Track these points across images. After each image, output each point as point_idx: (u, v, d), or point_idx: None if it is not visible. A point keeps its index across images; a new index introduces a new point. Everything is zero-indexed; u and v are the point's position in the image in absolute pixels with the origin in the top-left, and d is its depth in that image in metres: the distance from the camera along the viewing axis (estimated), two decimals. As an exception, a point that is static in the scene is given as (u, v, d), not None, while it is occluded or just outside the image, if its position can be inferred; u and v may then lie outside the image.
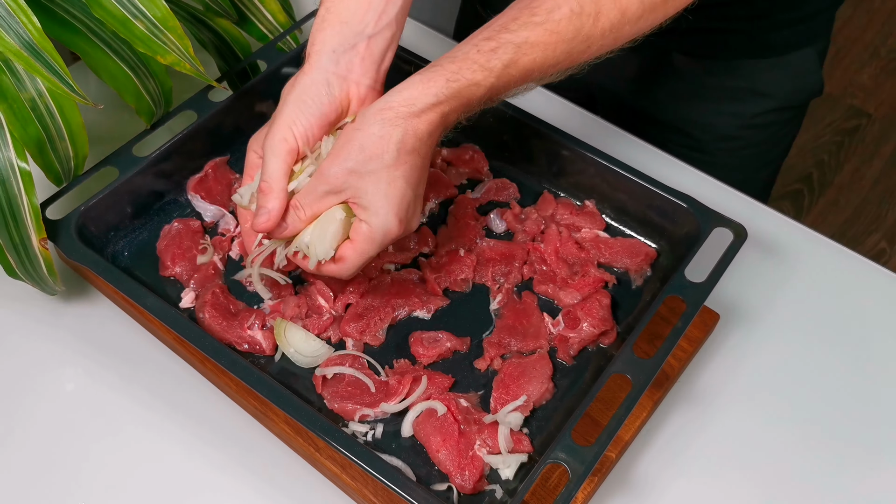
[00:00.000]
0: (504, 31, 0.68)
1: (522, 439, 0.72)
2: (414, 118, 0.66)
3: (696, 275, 0.75)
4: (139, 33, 0.79)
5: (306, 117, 0.71)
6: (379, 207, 0.67)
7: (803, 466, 0.76)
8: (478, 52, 0.67)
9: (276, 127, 0.71)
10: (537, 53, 0.67)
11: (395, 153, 0.66)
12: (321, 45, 0.72)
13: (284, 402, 0.68)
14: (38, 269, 0.77)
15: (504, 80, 0.68)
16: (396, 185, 0.67)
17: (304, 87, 0.72)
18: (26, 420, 0.77)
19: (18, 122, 0.76)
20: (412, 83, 0.67)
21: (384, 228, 0.68)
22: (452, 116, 0.68)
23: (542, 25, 0.67)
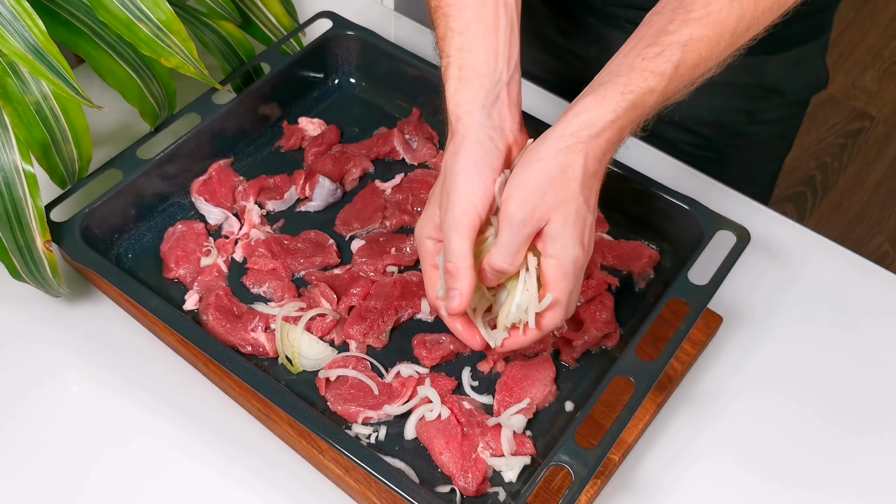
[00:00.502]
0: (664, 35, 0.65)
1: (525, 442, 0.73)
2: (594, 140, 0.64)
3: (699, 277, 0.75)
4: (143, 36, 0.79)
5: (483, 182, 0.66)
6: (567, 238, 0.64)
7: (807, 469, 0.76)
8: (643, 59, 0.65)
9: (454, 201, 0.65)
10: (703, 48, 0.65)
11: (580, 181, 0.64)
12: (470, 105, 0.68)
13: (287, 404, 0.68)
14: (42, 272, 0.77)
15: (675, 83, 0.66)
16: (581, 213, 0.64)
17: (470, 151, 0.66)
18: (30, 422, 0.77)
19: (23, 125, 0.76)
20: (586, 105, 0.65)
21: (573, 258, 0.65)
22: (628, 129, 0.66)
23: (702, 20, 0.65)
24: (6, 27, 0.73)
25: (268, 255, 0.84)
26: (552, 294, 0.66)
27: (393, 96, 1.00)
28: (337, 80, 1.02)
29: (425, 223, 0.69)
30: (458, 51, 0.70)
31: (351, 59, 1.00)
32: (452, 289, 0.66)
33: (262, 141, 0.96)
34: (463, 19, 0.70)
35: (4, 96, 0.75)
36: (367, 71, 1.01)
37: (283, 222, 0.89)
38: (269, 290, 0.82)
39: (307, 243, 0.86)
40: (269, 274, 0.83)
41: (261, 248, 0.85)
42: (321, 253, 0.85)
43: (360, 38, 0.98)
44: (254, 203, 0.89)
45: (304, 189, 0.90)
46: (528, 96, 1.03)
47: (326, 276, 0.84)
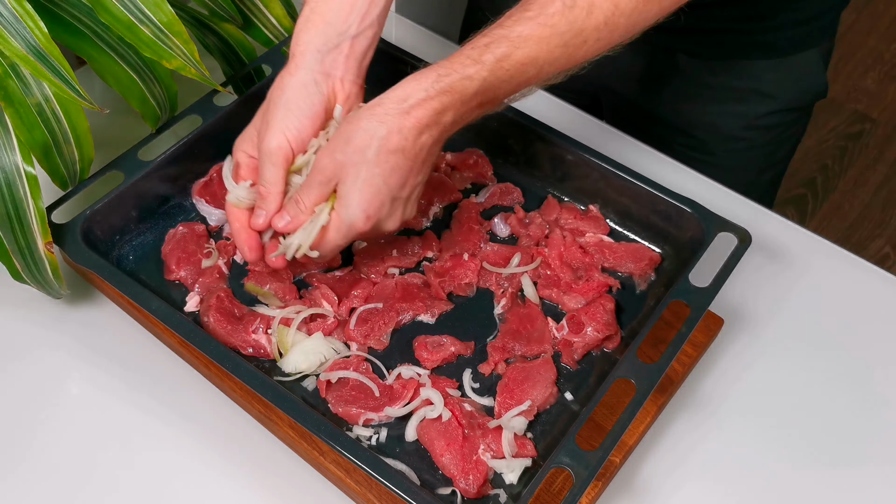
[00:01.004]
0: (497, 28, 0.69)
1: (526, 444, 0.72)
2: (402, 116, 0.67)
3: (701, 279, 0.75)
4: (145, 38, 0.79)
5: (299, 120, 0.73)
6: (350, 200, 0.69)
7: (808, 471, 0.76)
8: (471, 48, 0.68)
9: (270, 133, 0.73)
10: (531, 47, 0.67)
11: (377, 150, 0.67)
12: (305, 46, 0.74)
13: (288, 405, 0.68)
14: (43, 273, 0.77)
15: (498, 75, 0.68)
16: (373, 182, 0.68)
17: (294, 90, 0.73)
18: (31, 424, 0.77)
19: (25, 127, 0.76)
20: (405, 81, 0.68)
21: (349, 221, 0.70)
22: (448, 115, 0.68)
23: (534, 20, 0.67)
24: (8, 29, 0.73)
25: (269, 256, 0.84)
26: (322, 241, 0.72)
27: (394, 98, 1.00)
28: (338, 81, 1.02)
29: (245, 139, 0.77)
30: None
31: (352, 60, 1.00)
32: (260, 208, 0.74)
33: (263, 143, 0.96)
34: None
35: (6, 98, 0.75)
36: (368, 72, 1.00)
37: (285, 224, 0.89)
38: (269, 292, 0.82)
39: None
40: (270, 276, 0.83)
41: (262, 249, 0.85)
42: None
43: (362, 40, 0.98)
44: (255, 205, 0.89)
45: (305, 191, 0.90)
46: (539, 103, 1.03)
47: (327, 277, 0.84)
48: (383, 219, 0.72)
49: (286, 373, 0.77)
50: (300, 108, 0.74)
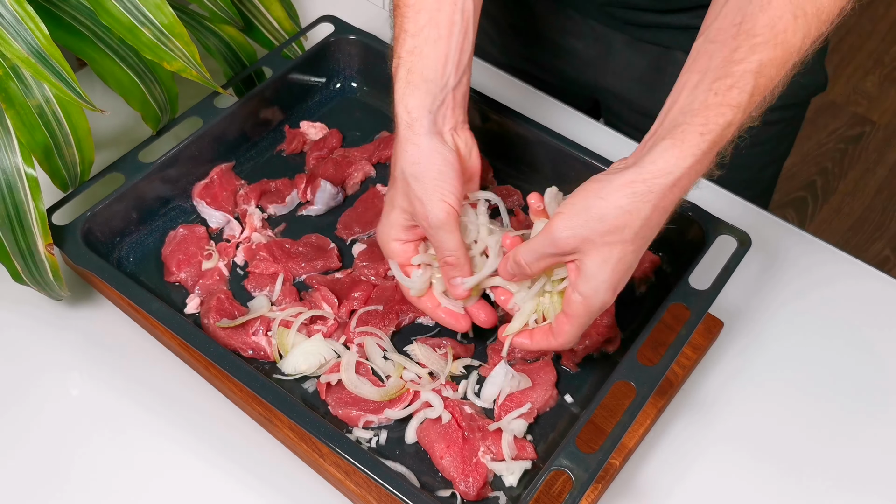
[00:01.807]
0: (733, 64, 0.63)
1: (526, 446, 0.73)
2: (668, 191, 0.62)
3: (700, 282, 0.75)
4: (146, 40, 0.79)
5: (451, 184, 0.70)
6: (601, 282, 0.64)
7: (808, 474, 0.76)
8: (715, 94, 0.63)
9: (433, 205, 0.69)
10: (773, 71, 0.64)
11: (637, 230, 0.63)
12: (418, 111, 0.71)
13: (289, 407, 0.68)
14: (44, 275, 0.77)
15: (749, 110, 0.64)
16: (626, 260, 0.64)
17: (431, 158, 0.70)
18: (31, 425, 0.77)
19: (26, 129, 0.76)
20: (663, 149, 0.63)
21: (601, 301, 0.65)
22: (705, 170, 0.65)
23: (769, 43, 0.63)
24: (9, 30, 0.73)
25: (269, 258, 0.84)
26: (564, 328, 0.67)
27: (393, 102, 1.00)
28: (338, 84, 1.02)
29: (390, 228, 0.74)
30: (409, 53, 0.71)
31: (352, 63, 1.00)
32: (455, 278, 0.72)
33: (263, 145, 0.96)
34: (418, 22, 0.71)
35: (7, 100, 0.75)
36: (369, 75, 1.01)
37: (285, 226, 0.89)
38: (269, 294, 0.82)
39: (308, 247, 0.86)
40: (270, 278, 0.83)
41: (262, 251, 0.85)
42: (322, 257, 0.85)
43: (362, 42, 0.98)
44: (255, 207, 0.89)
45: (305, 193, 0.90)
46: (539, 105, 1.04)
47: (328, 279, 0.84)
48: (621, 286, 0.67)
49: (286, 374, 0.77)
50: (445, 173, 0.70)
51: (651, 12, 0.94)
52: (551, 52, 1.07)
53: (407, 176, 0.71)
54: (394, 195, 0.72)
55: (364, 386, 0.75)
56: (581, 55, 1.04)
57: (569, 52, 1.05)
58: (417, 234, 0.74)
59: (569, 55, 1.06)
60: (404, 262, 0.75)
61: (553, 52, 1.06)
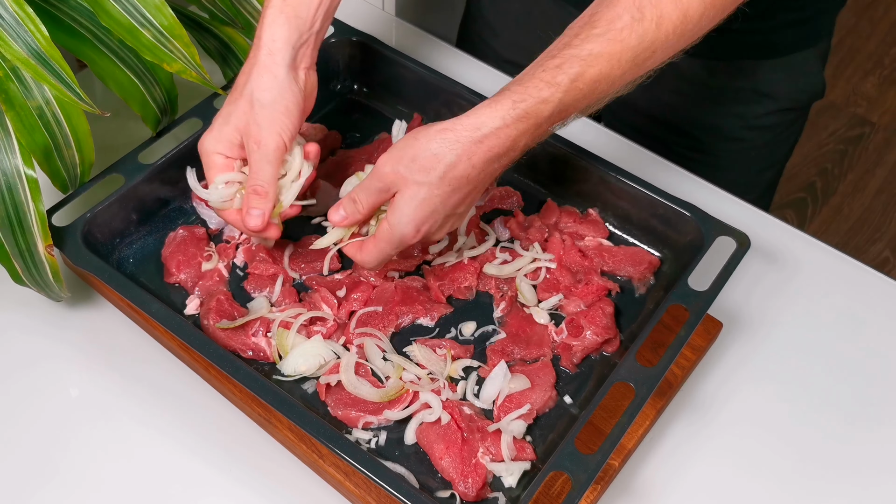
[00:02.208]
0: (567, 48, 0.68)
1: (525, 447, 0.73)
2: (474, 144, 0.68)
3: (700, 283, 0.75)
4: (146, 42, 0.80)
5: (290, 119, 0.75)
6: (403, 213, 0.70)
7: (806, 475, 0.76)
8: (543, 70, 0.68)
9: (268, 135, 0.74)
10: (603, 64, 0.67)
11: (441, 174, 0.68)
12: (282, 42, 0.75)
13: (288, 408, 0.68)
14: (44, 276, 0.77)
15: (572, 95, 0.68)
16: (431, 202, 0.69)
17: (279, 89, 0.75)
18: (31, 425, 0.77)
19: (26, 130, 0.77)
20: (479, 108, 0.68)
21: (400, 233, 0.71)
22: (522, 140, 0.69)
23: (604, 36, 0.67)
24: (9, 32, 0.73)
25: (269, 259, 0.84)
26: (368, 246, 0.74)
27: (394, 102, 1.00)
28: (338, 85, 1.02)
29: (219, 140, 0.76)
30: None
31: (352, 64, 1.00)
32: (255, 208, 0.76)
33: (263, 146, 0.96)
34: None
35: (7, 101, 0.75)
36: (369, 76, 1.01)
37: (285, 227, 0.89)
38: (269, 295, 0.82)
39: (307, 248, 0.86)
40: (269, 279, 0.83)
41: (262, 252, 0.85)
42: (322, 258, 0.85)
43: (362, 43, 0.98)
44: (255, 208, 0.89)
45: (305, 194, 0.90)
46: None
47: (327, 280, 0.84)
48: (433, 232, 0.73)
49: (286, 375, 0.77)
50: (289, 108, 0.75)
51: None
52: None
53: (254, 100, 0.75)
54: (232, 111, 0.76)
55: (363, 387, 0.75)
56: None
57: None
58: (240, 154, 0.77)
59: None
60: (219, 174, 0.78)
61: None
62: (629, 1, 0.67)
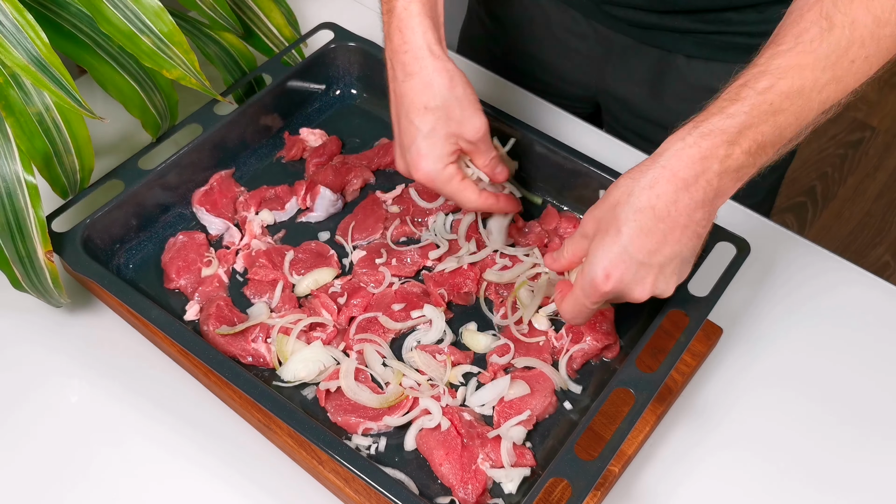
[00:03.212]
0: (751, 67, 0.64)
1: (525, 453, 0.73)
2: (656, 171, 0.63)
3: (700, 289, 0.75)
4: (145, 48, 0.80)
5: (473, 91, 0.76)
6: (595, 258, 0.65)
7: (807, 480, 0.76)
8: (727, 91, 0.64)
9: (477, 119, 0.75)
10: (794, 76, 0.62)
11: (626, 208, 0.63)
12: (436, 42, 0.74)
13: (288, 414, 0.68)
14: (43, 282, 0.77)
15: (762, 109, 0.62)
16: (619, 242, 0.63)
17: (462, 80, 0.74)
18: (30, 431, 0.77)
19: (25, 136, 0.77)
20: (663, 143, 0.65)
21: (590, 278, 0.65)
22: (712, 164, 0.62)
23: (792, 50, 0.63)
24: (9, 38, 0.73)
25: (268, 265, 0.84)
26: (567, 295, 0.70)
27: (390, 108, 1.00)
28: (338, 90, 1.02)
29: (440, 157, 0.75)
30: None
31: (352, 69, 1.00)
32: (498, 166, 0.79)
33: (263, 152, 0.96)
34: None
35: (7, 107, 0.76)
36: (369, 82, 1.01)
37: (284, 233, 0.89)
38: (269, 301, 0.82)
39: (308, 254, 0.86)
40: (269, 284, 0.83)
41: (261, 258, 0.85)
42: (322, 263, 0.85)
43: (362, 48, 0.98)
44: (255, 213, 0.89)
45: (305, 200, 0.90)
46: (539, 112, 1.04)
47: (327, 286, 0.84)
48: (626, 283, 0.65)
49: (285, 381, 0.77)
50: (468, 84, 0.75)
51: (651, 13, 0.95)
52: (555, 52, 1.07)
53: (450, 102, 0.73)
54: (434, 127, 0.74)
55: (363, 393, 0.75)
56: (583, 56, 1.05)
57: (571, 53, 1.06)
58: (457, 155, 0.77)
59: (571, 56, 1.06)
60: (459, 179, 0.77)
61: (556, 52, 1.07)
62: (815, 14, 0.63)
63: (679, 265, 0.66)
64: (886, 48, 0.65)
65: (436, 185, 0.76)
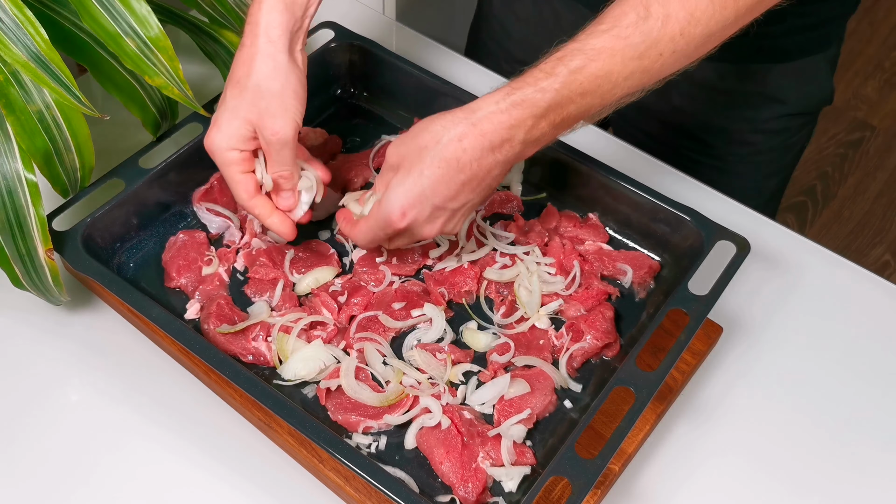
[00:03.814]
0: (571, 42, 0.68)
1: (525, 452, 0.73)
2: (468, 126, 0.67)
3: (700, 287, 0.75)
4: (129, 51, 0.79)
5: (299, 104, 0.75)
6: (393, 193, 0.70)
7: (806, 479, 0.76)
8: (545, 62, 0.68)
9: (284, 122, 0.74)
10: (605, 60, 0.66)
11: (433, 153, 0.68)
12: (282, 30, 0.74)
13: (288, 413, 0.68)
14: (44, 280, 0.77)
15: (572, 87, 0.67)
16: (419, 183, 0.69)
17: (285, 75, 0.74)
18: (31, 430, 0.77)
19: (26, 134, 0.77)
20: (480, 98, 0.69)
21: (385, 212, 0.71)
22: (518, 131, 0.68)
23: (608, 32, 0.67)
24: (9, 36, 0.73)
25: (269, 264, 0.84)
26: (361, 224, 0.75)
27: (394, 106, 1.00)
28: (339, 90, 1.02)
29: (230, 136, 0.75)
30: None
31: (352, 69, 1.00)
32: (287, 190, 0.78)
33: (263, 150, 0.96)
34: None
35: (7, 105, 0.76)
36: (369, 81, 1.01)
37: (285, 231, 0.89)
38: (269, 300, 0.82)
39: (308, 252, 0.86)
40: (270, 283, 0.83)
41: (262, 257, 0.85)
42: (322, 262, 0.85)
43: (362, 48, 0.98)
44: (255, 212, 0.89)
45: (305, 198, 0.90)
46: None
47: (327, 285, 0.84)
48: (420, 223, 0.71)
49: (286, 379, 0.77)
50: (296, 91, 0.75)
51: None
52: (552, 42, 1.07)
53: (262, 90, 0.74)
54: (238, 104, 0.74)
55: (364, 391, 0.75)
56: None
57: None
58: (253, 146, 0.76)
59: None
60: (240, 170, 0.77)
61: None
62: (635, 0, 0.67)
63: (467, 210, 0.73)
64: (696, 46, 0.68)
65: (216, 160, 0.77)
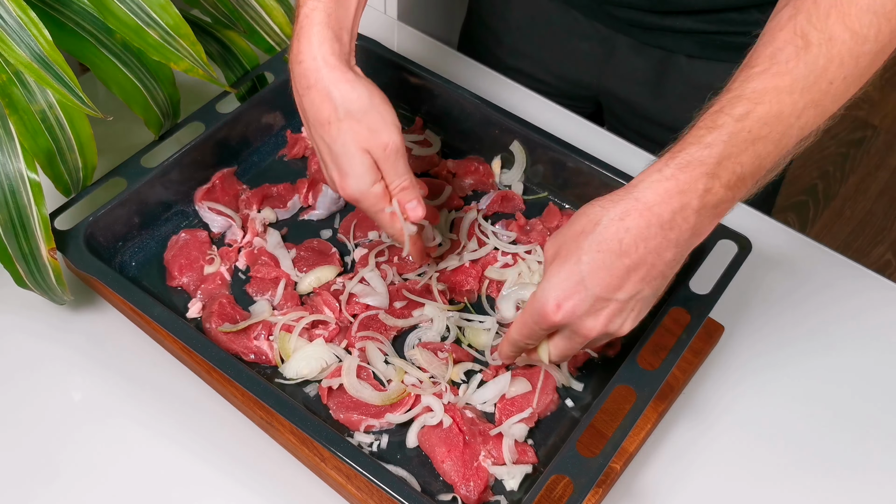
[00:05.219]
0: (725, 94, 0.60)
1: (527, 450, 0.73)
2: (629, 202, 0.58)
3: (701, 286, 0.75)
4: (153, 41, 0.80)
5: (390, 106, 0.72)
6: (548, 283, 0.61)
7: (807, 478, 0.76)
8: (702, 119, 0.60)
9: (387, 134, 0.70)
10: (772, 100, 0.58)
11: (591, 238, 0.59)
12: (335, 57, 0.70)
13: (290, 412, 0.68)
14: (46, 279, 0.77)
15: (741, 137, 0.58)
16: (577, 270, 0.60)
17: (363, 89, 0.70)
18: (34, 428, 0.77)
19: (29, 134, 0.77)
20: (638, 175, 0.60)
21: (539, 304, 0.62)
22: (690, 200, 0.58)
23: (767, 71, 0.59)
24: (12, 36, 0.73)
25: (271, 263, 0.84)
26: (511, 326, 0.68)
27: (395, 105, 0.99)
28: (340, 89, 1.02)
29: (363, 175, 0.70)
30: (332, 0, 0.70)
31: (354, 68, 1.00)
32: (411, 200, 0.71)
33: (265, 150, 0.96)
34: None
35: (10, 105, 0.76)
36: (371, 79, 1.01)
37: (287, 231, 0.89)
38: (271, 298, 0.83)
39: (310, 251, 0.86)
40: (272, 282, 0.83)
41: (264, 256, 0.85)
42: (324, 261, 0.85)
43: (363, 47, 0.98)
44: (257, 211, 0.89)
45: (307, 197, 0.90)
46: (540, 110, 1.04)
47: (329, 284, 0.84)
48: (579, 315, 0.61)
49: (288, 378, 0.77)
50: (384, 99, 0.71)
51: (652, 14, 0.95)
52: (557, 53, 1.07)
53: (354, 112, 0.69)
54: (345, 141, 0.69)
55: (365, 390, 0.75)
56: (585, 56, 1.05)
57: (574, 54, 1.06)
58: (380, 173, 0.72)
59: (573, 56, 1.06)
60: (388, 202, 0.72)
61: (559, 53, 1.07)
62: (789, 32, 0.59)
63: (638, 305, 0.62)
64: (865, 66, 0.61)
65: (366, 205, 0.72)
